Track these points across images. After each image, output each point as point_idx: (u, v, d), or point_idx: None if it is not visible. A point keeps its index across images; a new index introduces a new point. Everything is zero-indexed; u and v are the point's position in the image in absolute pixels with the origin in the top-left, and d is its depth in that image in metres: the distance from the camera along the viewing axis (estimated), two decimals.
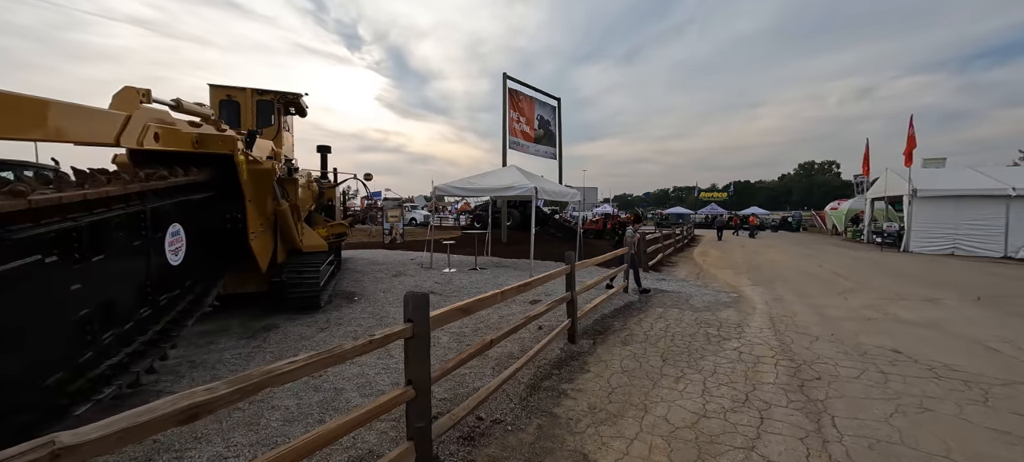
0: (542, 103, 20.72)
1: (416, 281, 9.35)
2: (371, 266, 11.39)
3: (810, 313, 7.16)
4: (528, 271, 11.10)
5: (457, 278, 9.77)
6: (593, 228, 25.43)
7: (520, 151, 19.17)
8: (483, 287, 8.85)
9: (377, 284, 8.96)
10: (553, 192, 10.34)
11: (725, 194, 54.92)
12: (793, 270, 12.45)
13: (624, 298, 7.95)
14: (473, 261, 12.40)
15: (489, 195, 10.20)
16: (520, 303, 7.37)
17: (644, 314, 6.99)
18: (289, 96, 9.24)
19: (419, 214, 40.87)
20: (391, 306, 7.21)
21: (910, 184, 18.36)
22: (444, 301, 7.79)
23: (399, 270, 10.77)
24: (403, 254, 14.22)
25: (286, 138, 9.65)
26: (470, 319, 6.27)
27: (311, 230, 7.78)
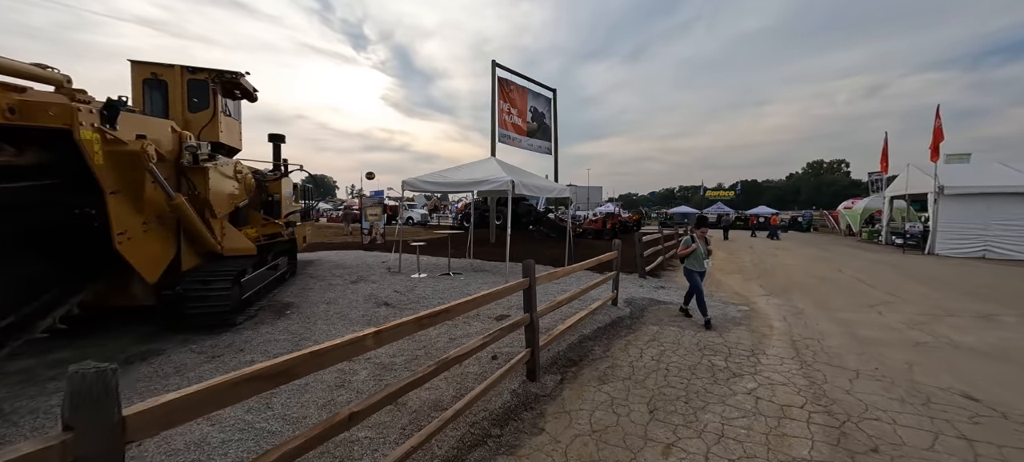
0: (536, 94, 19.37)
1: (374, 289, 8.07)
2: (334, 270, 10.13)
3: (841, 333, 5.78)
4: (513, 275, 9.78)
5: (423, 286, 8.47)
6: (592, 228, 24.05)
7: (511, 145, 17.83)
8: (447, 297, 7.56)
9: (326, 293, 7.69)
10: (535, 187, 9.02)
11: (732, 193, 53.15)
12: (810, 276, 11.03)
13: (612, 312, 6.61)
14: (460, 263, 11.11)
15: (462, 190, 8.89)
16: (485, 320, 6.05)
17: (634, 334, 5.65)
18: (227, 75, 7.99)
19: (416, 213, 39.68)
20: (324, 324, 5.93)
21: (937, 180, 16.82)
22: (397, 314, 6.52)
23: (362, 275, 9.50)
24: (379, 256, 12.96)
25: (228, 125, 8.42)
26: (413, 342, 4.98)
27: (236, 231, 6.52)
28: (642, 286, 8.98)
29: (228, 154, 8.61)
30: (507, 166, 9.76)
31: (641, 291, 8.46)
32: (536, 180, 9.66)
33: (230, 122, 8.53)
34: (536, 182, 9.40)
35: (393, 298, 7.35)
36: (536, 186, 9.17)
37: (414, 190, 9.49)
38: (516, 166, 10.30)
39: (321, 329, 5.67)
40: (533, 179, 9.60)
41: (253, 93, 9.10)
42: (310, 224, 11.46)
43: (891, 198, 22.12)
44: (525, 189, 8.60)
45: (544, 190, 9.67)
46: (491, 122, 16.57)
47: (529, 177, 9.68)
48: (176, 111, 7.71)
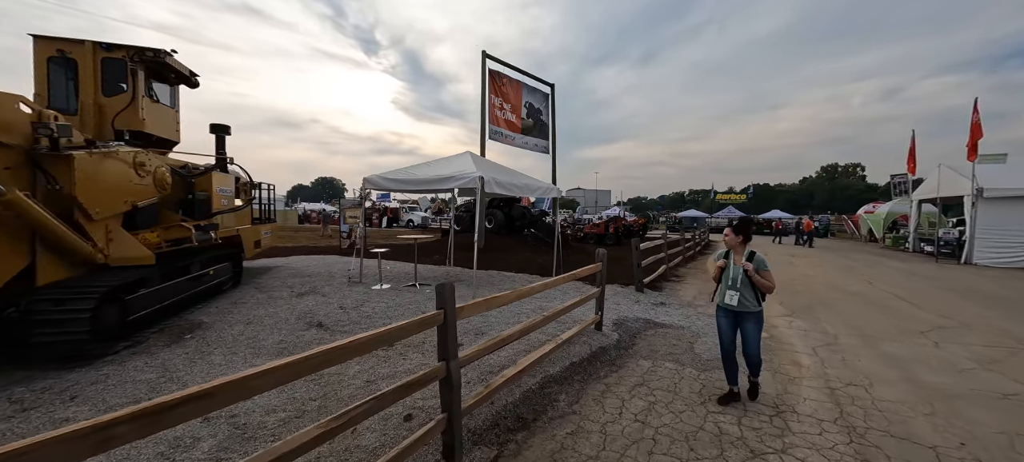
0: (532, 89, 18.07)
1: (318, 304, 6.82)
2: (289, 279, 8.93)
3: (894, 377, 4.36)
4: (491, 287, 8.48)
5: (379, 300, 7.20)
6: (594, 232, 22.62)
7: (504, 143, 16.56)
8: (399, 315, 6.27)
9: (256, 309, 6.45)
10: (514, 185, 7.70)
11: (744, 196, 51.10)
12: (836, 289, 9.53)
13: (594, 340, 5.25)
14: (435, 271, 9.85)
15: (427, 187, 7.62)
16: (422, 352, 4.74)
17: (618, 373, 4.30)
18: (149, 53, 6.85)
19: (417, 216, 38.52)
20: (222, 355, 4.66)
21: (974, 182, 15.15)
22: (329, 338, 5.25)
23: (316, 286, 8.27)
24: (352, 262, 11.76)
25: (157, 112, 7.29)
26: (315, 385, 3.70)
27: (129, 236, 5.30)
28: (638, 302, 7.60)
29: (158, 146, 7.47)
30: (484, 162, 8.47)
31: (636, 309, 7.08)
32: (517, 177, 8.35)
33: (160, 109, 7.38)
34: (516, 180, 8.09)
35: (333, 317, 6.08)
36: (516, 184, 7.86)
37: (377, 188, 8.24)
38: (499, 164, 9.02)
39: (215, 362, 4.41)
40: (512, 176, 8.28)
41: (191, 77, 7.94)
42: (271, 226, 10.27)
43: (919, 202, 20.37)
44: (500, 187, 7.30)
45: (527, 189, 8.35)
46: (480, 117, 15.32)
47: (508, 174, 8.37)
48: (88, 94, 6.58)
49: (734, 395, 3.72)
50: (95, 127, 6.59)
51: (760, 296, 3.57)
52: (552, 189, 9.20)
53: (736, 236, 3.69)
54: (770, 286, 3.51)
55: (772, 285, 3.52)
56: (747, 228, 3.75)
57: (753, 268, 3.50)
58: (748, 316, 3.59)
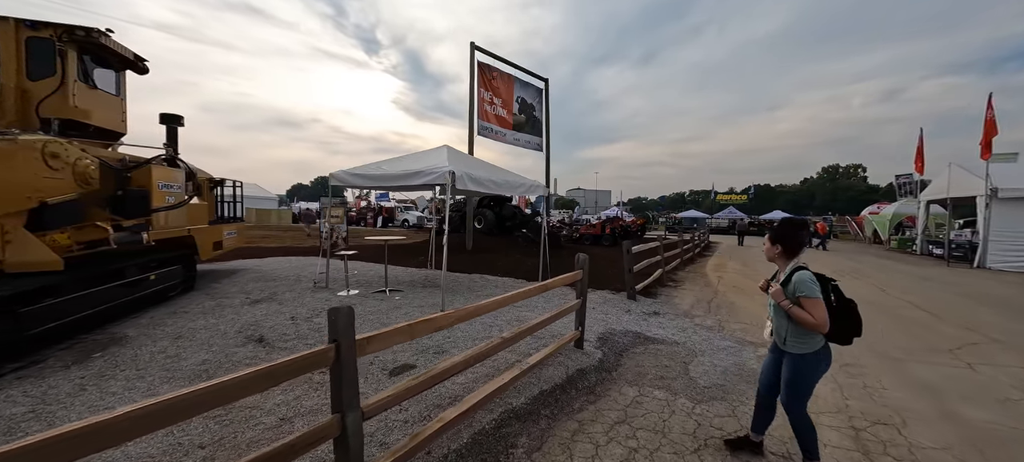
0: (524, 83, 17.32)
1: (270, 313, 6.09)
2: (250, 283, 8.21)
3: (928, 410, 3.63)
4: (471, 293, 7.74)
5: None
6: (590, 233, 21.88)
7: (494, 139, 15.81)
8: (360, 326, 5.52)
9: (195, 319, 5.71)
10: (490, 182, 6.95)
11: (745, 197, 50.30)
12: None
13: (572, 361, 4.50)
14: (416, 275, 9.14)
15: (395, 183, 6.88)
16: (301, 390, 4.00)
17: (596, 406, 3.56)
18: (79, 32, 6.13)
19: (412, 216, 37.74)
20: (124, 382, 3.91)
21: (989, 181, 14.40)
22: (269, 354, 4.52)
23: (276, 292, 7.54)
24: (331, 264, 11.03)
25: (94, 99, 6.59)
26: (211, 422, 2.96)
27: (31, 238, 4.56)
28: (629, 311, 6.85)
29: (98, 137, 6.74)
30: (462, 157, 7.73)
31: (626, 320, 6.33)
32: (496, 173, 7.61)
33: (98, 96, 6.67)
34: (496, 176, 7.34)
35: (280, 330, 5.34)
36: (495, 181, 7.11)
37: (343, 184, 7.52)
38: (484, 160, 8.27)
39: (111, 390, 3.67)
40: (492, 172, 7.54)
41: (137, 62, 7.22)
42: (237, 226, 9.54)
43: (928, 203, 19.61)
44: (476, 183, 6.55)
45: (509, 186, 7.60)
46: (469, 112, 14.57)
47: (487, 170, 7.63)
48: (9, 76, 5.87)
49: (750, 443, 2.91)
50: (17, 113, 5.86)
51: (802, 332, 2.47)
52: (538, 186, 8.45)
53: (773, 246, 2.64)
54: (810, 321, 2.37)
55: (812, 321, 2.37)
56: (792, 235, 2.60)
57: (781, 294, 2.50)
58: (786, 355, 2.61)
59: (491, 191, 7.07)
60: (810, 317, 2.39)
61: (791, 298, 2.48)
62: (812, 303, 2.40)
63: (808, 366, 2.51)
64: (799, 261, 2.56)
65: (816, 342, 2.49)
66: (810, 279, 2.46)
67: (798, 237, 2.62)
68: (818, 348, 2.50)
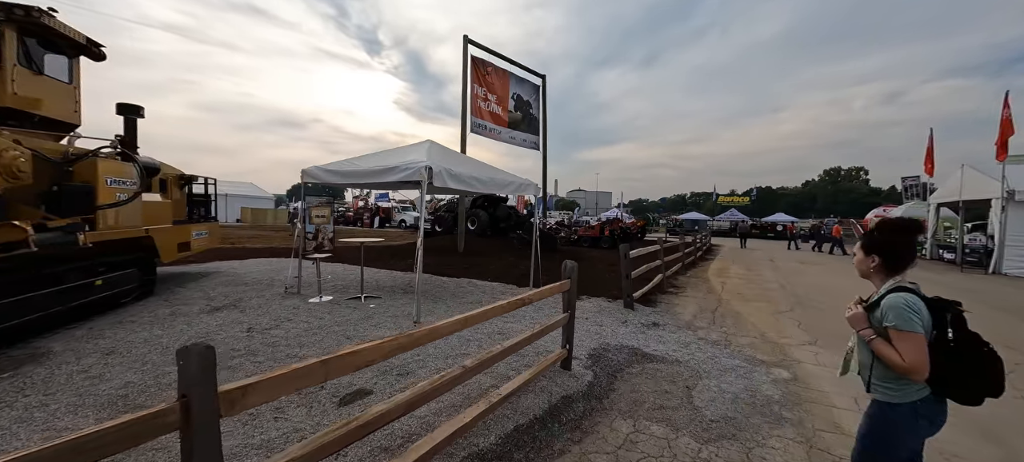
0: (520, 79, 16.72)
1: (230, 321, 5.48)
2: (217, 287, 7.61)
3: (989, 455, 3.00)
4: (456, 300, 7.12)
5: (306, 318, 5.85)
6: (588, 236, 21.26)
7: (488, 137, 15.22)
8: (322, 341, 4.90)
9: (142, 330, 5.10)
10: (472, 179, 6.32)
11: (747, 199, 49.58)
12: None
13: (557, 386, 3.87)
14: (400, 279, 8.53)
15: (370, 180, 6.27)
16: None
17: (581, 447, 2.94)
18: (18, 11, 5.55)
19: (409, 216, 37.11)
20: (24, 409, 3.30)
21: (1005, 183, 13.76)
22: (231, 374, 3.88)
23: (242, 297, 6.94)
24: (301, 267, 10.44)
25: (40, 86, 6.01)
26: None
27: None
28: (626, 322, 6.22)
29: (44, 127, 6.15)
30: (444, 152, 7.11)
31: (622, 332, 5.71)
32: (480, 170, 6.99)
33: (45, 83, 6.08)
34: (480, 173, 6.71)
35: (230, 344, 4.72)
36: (479, 178, 6.49)
37: (316, 181, 6.92)
38: (466, 156, 7.67)
39: (1, 423, 3.05)
40: (475, 168, 6.92)
41: (91, 47, 6.63)
42: (209, 226, 8.94)
43: (937, 205, 18.95)
44: (456, 180, 5.93)
45: (494, 184, 6.97)
46: (461, 108, 13.98)
47: (471, 166, 7.01)
48: None
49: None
50: None
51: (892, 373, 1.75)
52: (530, 185, 7.83)
53: (868, 257, 1.90)
54: (897, 362, 1.67)
55: (900, 362, 1.67)
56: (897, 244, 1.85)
57: (863, 319, 1.84)
58: (871, 402, 1.91)
59: (475, 189, 6.45)
60: (897, 356, 1.68)
61: (877, 327, 1.79)
62: (903, 338, 1.67)
63: (897, 422, 1.78)
64: (903, 279, 1.82)
65: (913, 390, 1.74)
66: (905, 305, 1.70)
67: (904, 247, 1.83)
68: (916, 399, 1.74)
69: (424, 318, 5.96)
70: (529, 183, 7.87)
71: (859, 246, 1.96)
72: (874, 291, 1.90)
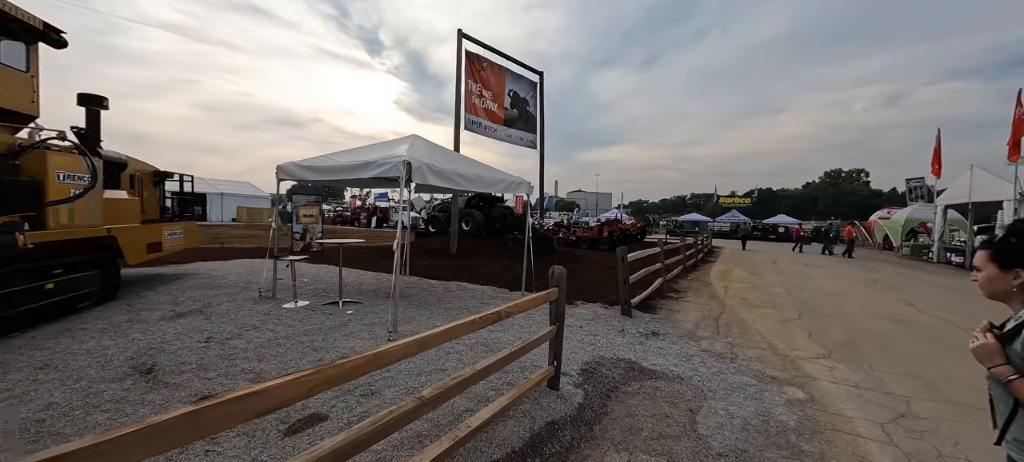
0: (516, 76, 16.26)
1: (191, 329, 5.01)
2: (187, 290, 7.16)
3: None
4: (440, 306, 6.65)
5: (273, 326, 5.38)
6: (587, 237, 20.79)
7: (483, 135, 14.76)
8: (285, 353, 4.43)
9: (89, 340, 4.63)
10: (456, 176, 5.85)
11: (748, 200, 49.05)
12: (875, 314, 7.67)
13: (541, 410, 3.40)
14: (385, 282, 8.07)
15: (347, 176, 5.79)
16: None
17: None
18: None
19: (407, 217, 36.62)
20: None
21: (1018, 185, 13.29)
22: (154, 394, 3.42)
23: (211, 302, 6.48)
24: (306, 270, 9.97)
25: None
26: None
27: None
28: (623, 331, 5.75)
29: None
30: (428, 147, 6.65)
31: (619, 343, 5.23)
32: (466, 166, 6.52)
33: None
34: (466, 169, 6.24)
35: (182, 357, 4.24)
36: (464, 175, 6.01)
37: (291, 177, 6.45)
38: (452, 152, 7.21)
39: None
40: (461, 164, 6.44)
41: (51, 33, 6.16)
42: (185, 226, 8.48)
43: (945, 207, 18.48)
44: (438, 177, 5.45)
45: (482, 181, 6.50)
46: (455, 105, 13.51)
47: (455, 161, 6.54)
48: None
49: None
50: None
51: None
52: (523, 184, 7.36)
53: (1006, 272, 1.39)
54: None
55: None
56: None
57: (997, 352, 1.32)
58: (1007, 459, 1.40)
59: (462, 187, 5.98)
60: None
61: (1019, 362, 1.29)
62: None
63: None
64: None
65: None
66: None
67: None
68: None
69: (404, 326, 5.49)
70: (522, 181, 7.40)
71: (987, 257, 1.45)
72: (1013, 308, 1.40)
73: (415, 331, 5.31)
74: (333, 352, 4.46)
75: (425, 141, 6.95)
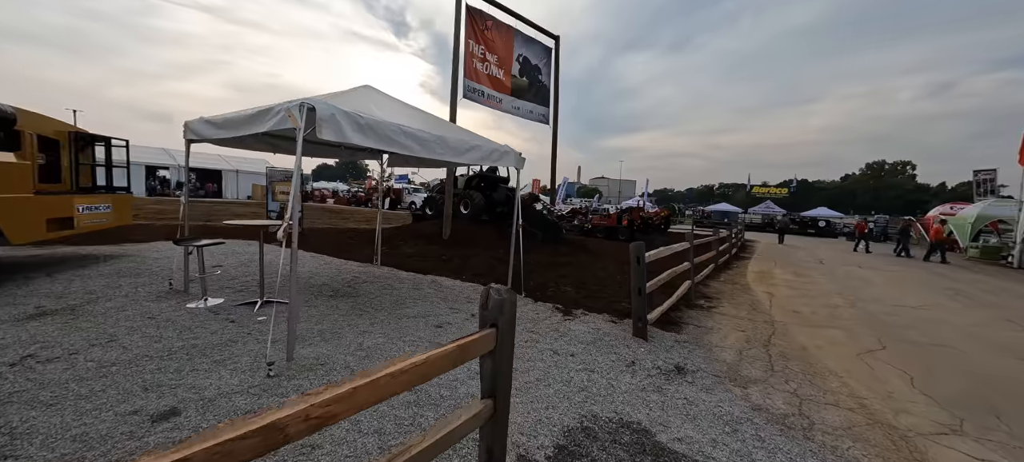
0: (527, 39, 14.25)
1: (34, 336, 3.55)
2: (90, 276, 5.78)
3: None
4: (387, 317, 5.02)
5: (133, 340, 3.86)
6: (603, 225, 18.83)
7: (486, 105, 12.91)
8: (104, 394, 2.88)
9: None
10: (396, 133, 4.08)
11: (786, 191, 45.28)
12: (986, 342, 5.63)
13: None
14: (348, 273, 6.54)
15: (247, 132, 4.13)
16: None
17: None
18: None
19: (419, 198, 35.27)
20: None
21: None
22: None
23: (102, 294, 5.05)
24: (268, 252, 8.59)
25: None
26: None
27: None
28: (633, 365, 3.97)
29: None
30: (371, 96, 4.92)
31: (626, 386, 3.47)
32: (422, 123, 4.76)
33: None
34: (422, 128, 4.48)
35: None
36: (414, 134, 4.26)
37: (198, 136, 4.86)
38: (401, 102, 5.48)
39: None
40: (412, 120, 4.68)
41: None
42: (113, 199, 7.12)
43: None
44: (366, 133, 3.71)
45: (447, 147, 4.72)
46: (452, 68, 11.70)
47: (402, 114, 4.77)
48: None
49: None
50: None
51: None
52: (503, 153, 5.58)
53: None
54: None
55: None
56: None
57: None
58: None
59: (411, 152, 4.23)
60: None
61: None
62: None
63: None
64: None
65: None
66: None
67: None
68: None
69: (315, 348, 3.88)
70: (507, 151, 5.61)
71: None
72: None
73: (322, 357, 3.70)
74: (170, 396, 2.88)
75: (376, 91, 5.23)
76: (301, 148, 3.28)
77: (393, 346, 4.02)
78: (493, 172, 14.16)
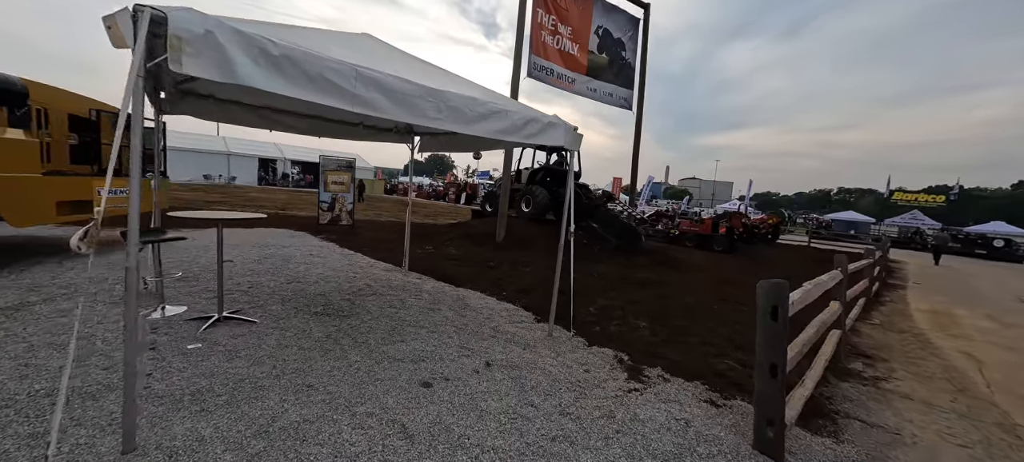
0: (608, 7, 12.03)
1: None
2: (79, 273, 5.12)
3: None
4: (361, 356, 3.55)
5: (33, 362, 2.78)
6: (692, 232, 15.87)
7: (556, 86, 11.01)
8: None
9: None
10: (418, 94, 2.48)
11: (942, 198, 35.99)
12: None
13: None
14: (362, 282, 5.37)
15: None
16: None
17: None
18: None
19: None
20: None
21: None
22: None
23: (70, 293, 4.29)
24: (285, 247, 7.84)
25: None
26: None
27: None
28: None
29: None
30: (367, 46, 3.40)
31: None
32: (424, 75, 3.11)
33: None
34: (423, 82, 2.84)
35: None
36: (406, 92, 2.65)
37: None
38: (409, 55, 3.88)
39: None
40: (407, 69, 3.05)
41: None
42: (144, 181, 6.68)
43: None
44: (280, 71, 2.17)
45: (459, 116, 3.04)
46: (516, 40, 10.02)
47: (391, 62, 3.15)
48: None
49: None
50: None
51: None
52: (546, 125, 3.73)
53: None
54: None
55: None
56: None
57: None
58: None
59: (362, 108, 2.57)
60: None
61: None
62: None
63: None
64: None
65: None
66: None
67: None
68: None
69: (202, 419, 2.45)
70: (554, 123, 3.77)
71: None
72: None
73: (189, 445, 2.26)
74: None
75: (374, 39, 3.73)
76: (135, 84, 1.83)
77: (327, 427, 2.45)
78: (560, 164, 12.24)
